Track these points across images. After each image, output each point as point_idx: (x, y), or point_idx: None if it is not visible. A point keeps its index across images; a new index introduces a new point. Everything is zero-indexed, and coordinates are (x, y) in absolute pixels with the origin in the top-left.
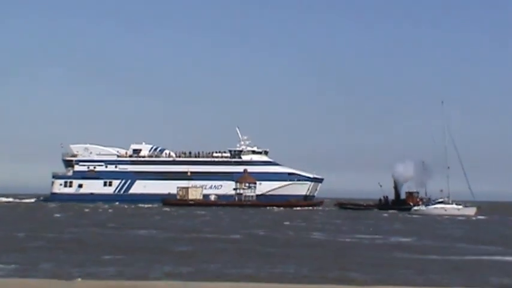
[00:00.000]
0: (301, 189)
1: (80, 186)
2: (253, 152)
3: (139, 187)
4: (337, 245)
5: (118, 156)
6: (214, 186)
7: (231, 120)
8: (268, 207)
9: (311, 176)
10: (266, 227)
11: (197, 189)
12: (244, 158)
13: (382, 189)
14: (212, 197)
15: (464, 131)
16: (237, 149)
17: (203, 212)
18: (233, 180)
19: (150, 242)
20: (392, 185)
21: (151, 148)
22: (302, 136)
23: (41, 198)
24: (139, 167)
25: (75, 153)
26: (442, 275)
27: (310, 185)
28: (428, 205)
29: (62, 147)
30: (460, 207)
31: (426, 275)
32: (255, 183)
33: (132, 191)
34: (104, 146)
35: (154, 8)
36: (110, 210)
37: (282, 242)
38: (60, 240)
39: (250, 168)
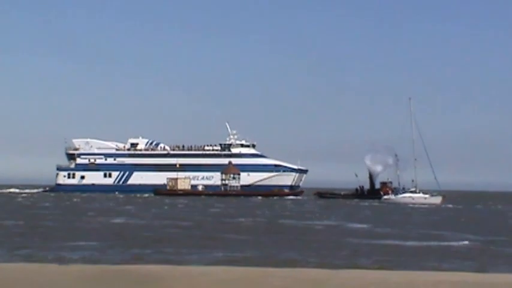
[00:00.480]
0: (286, 179)
1: (82, 177)
2: (242, 145)
3: (137, 178)
4: (298, 230)
5: (117, 149)
6: (206, 177)
7: (222, 115)
8: (252, 197)
9: (296, 167)
10: (238, 215)
11: (185, 180)
12: (234, 150)
13: (358, 179)
14: (200, 187)
15: (432, 125)
16: (227, 142)
17: (186, 201)
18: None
19: (123, 229)
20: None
21: (148, 142)
22: (288, 129)
23: (47, 188)
24: (136, 159)
25: (77, 147)
26: (389, 258)
27: (295, 176)
28: (397, 194)
29: (66, 141)
30: (427, 196)
31: (373, 257)
32: (239, 174)
33: (130, 181)
34: (104, 140)
35: (148, 3)
36: (97, 200)
37: (246, 228)
38: (39, 227)
39: (239, 160)
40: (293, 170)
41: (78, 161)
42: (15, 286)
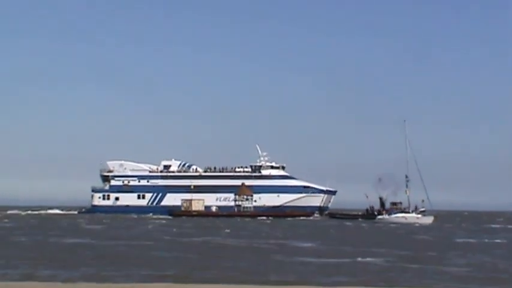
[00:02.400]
0: (315, 201)
1: (117, 199)
2: (272, 167)
3: (170, 199)
4: (236, 250)
5: (150, 171)
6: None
7: (252, 137)
8: (263, 217)
9: (324, 188)
10: (196, 235)
11: (199, 201)
12: (264, 172)
13: (369, 200)
14: (213, 208)
15: (425, 146)
16: (257, 164)
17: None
18: (253, 193)
19: (62, 249)
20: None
21: (180, 164)
22: (317, 150)
23: (83, 210)
24: (169, 181)
25: (111, 169)
26: (309, 274)
27: (323, 197)
28: (391, 214)
29: (100, 163)
30: (419, 216)
31: (298, 274)
32: (252, 195)
33: (163, 203)
34: (137, 163)
35: (177, 29)
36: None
37: (186, 247)
38: None
39: (269, 182)
40: (321, 191)
41: (113, 182)
42: None
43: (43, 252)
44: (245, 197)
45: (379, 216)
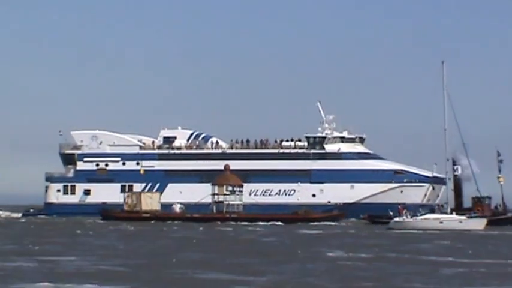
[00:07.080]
0: (414, 194)
1: (87, 192)
2: (342, 140)
3: (173, 193)
4: None
5: (141, 147)
6: (285, 191)
7: (310, 92)
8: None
9: (430, 174)
10: None
11: (153, 196)
12: (329, 148)
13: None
14: (177, 208)
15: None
16: (318, 135)
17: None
18: (311, 182)
19: None
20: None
21: (191, 135)
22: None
23: (31, 210)
24: (172, 163)
25: (79, 143)
26: None
27: (427, 189)
28: (417, 215)
29: (61, 134)
30: (463, 218)
31: None
32: (242, 186)
33: (164, 199)
34: (121, 134)
35: None
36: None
37: None
38: None
39: (338, 164)
40: (425, 178)
41: (80, 166)
42: None
43: None
44: (230, 188)
45: (396, 219)
